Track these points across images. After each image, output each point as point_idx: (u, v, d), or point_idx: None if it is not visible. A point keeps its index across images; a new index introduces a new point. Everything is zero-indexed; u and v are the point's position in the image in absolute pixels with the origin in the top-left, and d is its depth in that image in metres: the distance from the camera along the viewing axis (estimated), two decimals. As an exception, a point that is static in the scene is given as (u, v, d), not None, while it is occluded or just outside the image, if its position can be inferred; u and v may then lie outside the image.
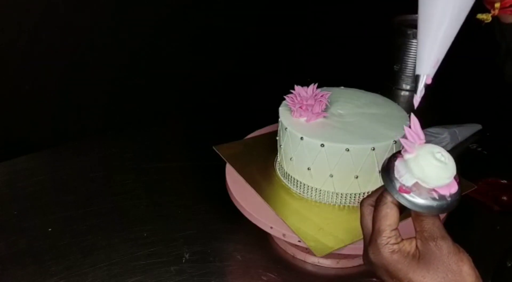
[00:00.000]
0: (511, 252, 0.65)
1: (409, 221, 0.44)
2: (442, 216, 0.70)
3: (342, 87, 0.81)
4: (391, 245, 0.41)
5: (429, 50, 0.43)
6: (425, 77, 0.43)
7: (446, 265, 0.39)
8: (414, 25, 1.20)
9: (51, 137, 1.00)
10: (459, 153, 0.98)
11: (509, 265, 0.65)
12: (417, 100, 0.45)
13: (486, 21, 0.60)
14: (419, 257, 0.40)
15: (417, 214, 0.41)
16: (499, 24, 0.59)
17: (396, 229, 0.41)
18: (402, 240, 0.41)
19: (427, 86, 0.47)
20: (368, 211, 0.44)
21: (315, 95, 0.72)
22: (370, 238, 0.43)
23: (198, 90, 1.20)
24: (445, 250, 0.39)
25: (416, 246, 0.41)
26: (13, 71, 0.92)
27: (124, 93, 1.08)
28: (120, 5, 1.00)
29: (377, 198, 0.43)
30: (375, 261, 0.42)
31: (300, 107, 0.71)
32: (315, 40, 1.41)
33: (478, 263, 0.70)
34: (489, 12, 0.61)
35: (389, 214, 0.41)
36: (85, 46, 0.99)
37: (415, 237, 0.42)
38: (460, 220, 0.78)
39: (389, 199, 0.42)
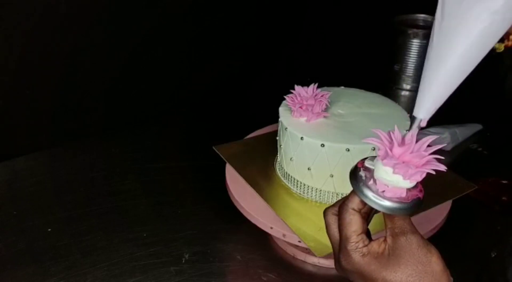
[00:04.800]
0: (498, 243, 0.66)
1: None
2: (442, 216, 0.70)
3: (342, 87, 0.81)
4: (360, 249, 0.42)
5: (432, 98, 0.43)
6: (420, 121, 0.43)
7: (416, 257, 0.41)
8: (414, 25, 1.20)
9: (51, 137, 1.00)
10: (459, 153, 0.98)
11: (493, 255, 0.67)
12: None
13: (498, 51, 0.61)
14: (389, 254, 0.42)
15: (387, 215, 0.43)
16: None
17: (362, 233, 0.43)
18: (370, 241, 0.43)
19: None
20: (333, 220, 0.45)
21: (315, 95, 0.71)
22: (339, 246, 0.44)
23: (197, 90, 1.20)
24: (415, 243, 0.41)
25: (386, 243, 0.42)
26: (13, 71, 0.92)
27: (124, 93, 1.08)
28: (119, 5, 1.00)
29: (339, 206, 0.44)
30: (348, 267, 0.43)
31: (300, 107, 0.71)
32: (315, 40, 1.41)
33: (478, 263, 0.71)
34: (503, 41, 0.62)
35: (353, 220, 0.43)
36: (85, 46, 0.98)
37: (383, 237, 0.43)
38: (460, 220, 0.78)
39: (350, 206, 0.43)
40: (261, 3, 1.27)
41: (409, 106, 1.21)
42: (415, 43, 1.17)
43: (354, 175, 0.43)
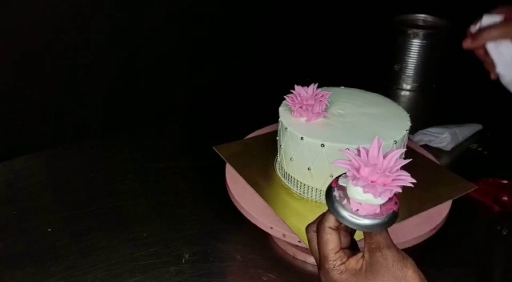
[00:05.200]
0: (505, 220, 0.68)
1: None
2: (442, 216, 0.70)
3: (342, 87, 0.81)
4: (338, 267, 0.43)
5: None
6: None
7: (392, 272, 0.42)
8: (414, 25, 1.20)
9: (51, 137, 1.00)
10: (459, 153, 0.98)
11: (505, 233, 0.71)
12: None
13: None
14: (367, 270, 0.43)
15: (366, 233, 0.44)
16: None
17: (340, 250, 0.44)
18: (348, 258, 0.44)
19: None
20: (313, 237, 0.46)
21: (315, 95, 0.71)
22: (318, 264, 0.46)
23: (198, 90, 1.20)
24: (390, 258, 0.42)
25: (364, 258, 0.43)
26: (13, 71, 0.92)
27: (124, 93, 1.08)
28: (120, 5, 1.00)
29: (317, 224, 0.45)
30: None
31: (300, 107, 0.71)
32: (315, 40, 1.41)
33: (478, 263, 0.71)
34: None
35: (330, 239, 0.44)
36: (85, 46, 0.98)
37: (362, 253, 0.44)
38: (460, 220, 0.78)
39: (326, 224, 0.44)
40: (261, 3, 1.27)
41: (409, 106, 1.21)
42: (415, 43, 1.17)
43: (328, 194, 0.43)
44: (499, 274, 0.71)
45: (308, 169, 0.69)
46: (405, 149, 0.45)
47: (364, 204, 0.42)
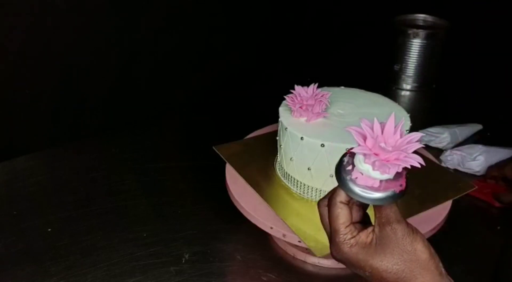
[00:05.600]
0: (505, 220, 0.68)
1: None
2: (442, 216, 0.70)
3: (342, 87, 0.81)
4: (348, 241, 0.44)
5: None
6: None
7: (401, 246, 0.42)
8: (414, 25, 1.20)
9: (51, 137, 1.00)
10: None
11: (499, 228, 0.71)
12: None
13: None
14: (376, 243, 0.43)
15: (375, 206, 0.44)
16: None
17: (350, 224, 0.45)
18: (359, 232, 0.44)
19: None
20: (325, 211, 0.47)
21: (315, 95, 0.71)
22: (329, 238, 0.46)
23: (197, 90, 1.20)
24: (399, 232, 0.43)
25: (374, 233, 0.44)
26: (12, 71, 0.91)
27: (124, 93, 1.08)
28: (119, 5, 1.00)
29: (328, 199, 0.46)
30: (339, 257, 0.46)
31: (300, 107, 0.71)
32: (315, 40, 1.41)
33: (479, 263, 0.71)
34: None
35: (341, 214, 0.44)
36: (85, 46, 0.98)
37: (372, 227, 0.44)
38: (460, 220, 0.78)
39: (337, 199, 0.45)
40: (261, 3, 1.27)
41: (409, 106, 1.21)
42: (415, 43, 1.17)
43: (338, 169, 0.44)
44: (499, 274, 0.71)
45: (308, 169, 0.69)
46: (423, 134, 0.45)
47: (364, 175, 0.42)
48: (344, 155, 0.45)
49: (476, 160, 0.89)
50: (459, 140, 0.99)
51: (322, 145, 0.66)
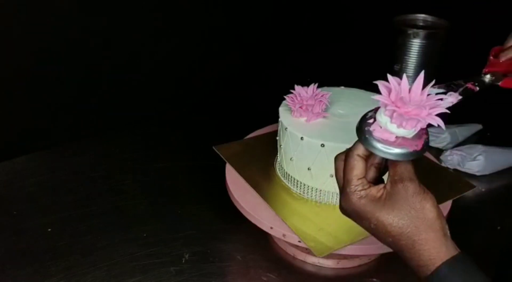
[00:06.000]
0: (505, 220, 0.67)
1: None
2: (445, 212, 0.70)
3: (342, 87, 0.81)
4: (358, 192, 0.45)
5: None
6: None
7: (410, 203, 0.43)
8: (414, 25, 1.20)
9: (50, 137, 1.00)
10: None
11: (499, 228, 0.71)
12: None
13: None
14: (386, 198, 0.44)
15: (391, 162, 0.45)
16: None
17: (363, 178, 0.46)
18: (370, 187, 0.45)
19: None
20: (341, 166, 0.48)
21: (315, 95, 0.71)
22: (341, 190, 0.47)
23: (197, 90, 1.20)
24: (411, 190, 0.44)
25: (385, 189, 0.45)
26: (12, 71, 0.91)
27: (124, 93, 1.08)
28: (120, 4, 1.00)
29: (346, 152, 0.47)
30: (347, 208, 0.46)
31: (300, 107, 0.71)
32: (315, 40, 1.41)
33: (479, 263, 0.71)
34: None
35: (356, 166, 0.46)
36: (85, 46, 0.98)
37: (384, 184, 0.46)
38: (460, 220, 0.78)
39: (355, 152, 0.46)
40: (261, 3, 1.27)
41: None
42: (415, 43, 1.17)
43: (359, 123, 0.46)
44: (499, 274, 0.71)
45: (308, 169, 0.69)
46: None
47: (383, 127, 0.43)
48: (363, 119, 0.46)
49: (476, 160, 0.89)
50: (459, 140, 0.99)
51: (322, 145, 0.66)
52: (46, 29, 0.92)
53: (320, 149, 0.66)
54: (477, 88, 0.58)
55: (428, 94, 0.44)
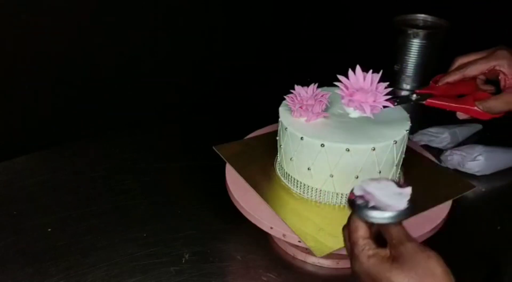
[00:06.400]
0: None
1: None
2: (442, 216, 0.70)
3: (342, 87, 0.81)
4: (366, 251, 0.46)
5: None
6: None
7: (416, 263, 0.44)
8: (414, 25, 1.20)
9: (50, 137, 1.00)
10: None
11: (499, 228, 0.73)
12: None
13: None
14: (393, 260, 0.45)
15: (382, 226, 0.47)
16: None
17: (368, 238, 0.47)
18: (377, 247, 0.46)
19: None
20: (347, 233, 0.49)
21: (315, 95, 0.71)
22: (350, 254, 0.48)
23: (198, 90, 1.20)
24: (413, 250, 0.44)
25: (390, 252, 0.46)
26: (12, 71, 0.92)
27: (124, 93, 1.08)
28: (119, 4, 1.00)
29: (348, 217, 0.49)
30: (358, 270, 0.47)
31: (300, 107, 0.71)
32: (315, 40, 1.41)
33: (479, 263, 0.71)
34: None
35: (359, 227, 0.47)
36: (85, 46, 0.99)
37: (388, 247, 0.47)
38: (460, 220, 0.78)
39: (354, 216, 0.48)
40: (261, 4, 1.27)
41: (409, 106, 1.21)
42: (415, 43, 1.17)
43: (350, 198, 0.48)
44: (500, 274, 0.71)
45: (308, 169, 0.69)
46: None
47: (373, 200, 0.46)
48: (353, 197, 0.48)
49: (476, 160, 0.89)
50: (459, 140, 0.99)
51: (322, 145, 0.66)
52: (46, 29, 0.92)
53: (320, 149, 0.66)
54: (396, 103, 0.68)
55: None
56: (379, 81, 0.67)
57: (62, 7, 0.92)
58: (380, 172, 0.68)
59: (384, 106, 0.66)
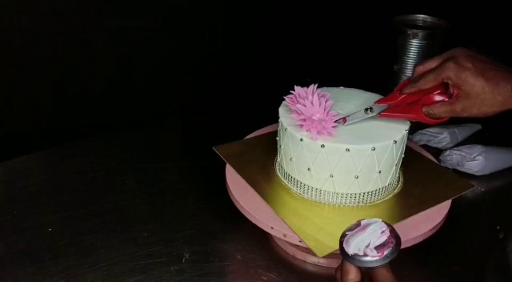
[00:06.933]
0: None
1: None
2: (442, 216, 0.70)
3: (342, 87, 0.81)
4: None
5: None
6: None
7: None
8: (414, 25, 1.20)
9: (50, 137, 1.00)
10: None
11: (501, 236, 0.73)
12: None
13: None
14: None
15: (370, 268, 0.48)
16: None
17: (359, 280, 0.48)
18: None
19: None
20: (339, 275, 0.50)
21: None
22: None
23: (198, 90, 1.20)
24: None
25: None
26: (12, 71, 0.92)
27: (124, 93, 1.08)
28: (119, 4, 1.00)
29: (341, 260, 0.50)
30: None
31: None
32: (315, 40, 1.41)
33: (478, 263, 0.71)
34: None
35: (349, 270, 0.48)
36: (85, 46, 0.99)
37: None
38: (460, 220, 0.78)
39: (344, 262, 0.49)
40: (261, 3, 1.27)
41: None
42: (415, 43, 1.17)
43: (340, 245, 0.50)
44: (498, 274, 0.71)
45: (308, 169, 0.69)
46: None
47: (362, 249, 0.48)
48: (341, 244, 0.49)
49: (476, 159, 0.89)
50: (458, 140, 0.99)
51: (322, 145, 0.66)
52: (46, 29, 0.92)
53: (320, 149, 0.66)
54: (345, 124, 0.70)
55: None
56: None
57: (63, 7, 0.92)
58: (380, 172, 0.68)
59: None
